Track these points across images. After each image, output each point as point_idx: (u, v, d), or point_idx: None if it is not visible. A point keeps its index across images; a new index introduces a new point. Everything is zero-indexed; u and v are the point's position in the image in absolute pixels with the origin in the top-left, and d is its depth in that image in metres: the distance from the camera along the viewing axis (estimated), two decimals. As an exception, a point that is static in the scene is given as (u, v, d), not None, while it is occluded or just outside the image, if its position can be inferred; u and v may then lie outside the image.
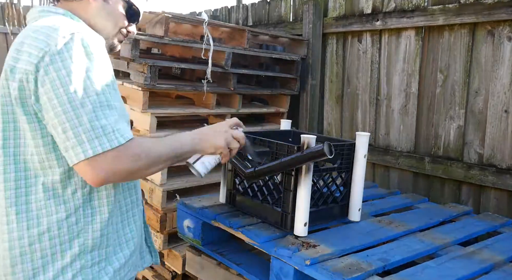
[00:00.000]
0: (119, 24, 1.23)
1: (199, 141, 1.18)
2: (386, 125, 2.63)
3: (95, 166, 0.96)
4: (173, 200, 2.30)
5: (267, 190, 1.69)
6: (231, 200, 1.84)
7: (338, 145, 1.65)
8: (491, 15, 2.10)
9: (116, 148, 0.97)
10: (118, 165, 0.98)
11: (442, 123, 2.37)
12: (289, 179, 1.55)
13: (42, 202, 1.04)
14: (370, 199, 2.16)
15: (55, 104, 0.96)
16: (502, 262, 1.48)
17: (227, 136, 1.20)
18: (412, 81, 2.48)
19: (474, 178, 2.21)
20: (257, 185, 1.73)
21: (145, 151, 1.03)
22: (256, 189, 1.73)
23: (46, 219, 1.04)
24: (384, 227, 1.72)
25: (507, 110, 2.12)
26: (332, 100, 2.93)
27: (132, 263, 1.22)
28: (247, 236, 1.59)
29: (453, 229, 1.77)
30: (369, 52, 2.69)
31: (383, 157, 2.59)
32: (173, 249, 2.29)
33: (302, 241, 1.51)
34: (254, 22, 3.56)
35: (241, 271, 1.65)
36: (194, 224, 1.83)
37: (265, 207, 1.68)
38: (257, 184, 1.73)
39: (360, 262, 1.38)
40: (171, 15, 2.24)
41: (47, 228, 1.04)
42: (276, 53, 2.84)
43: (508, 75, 2.10)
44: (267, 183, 1.69)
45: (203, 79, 2.36)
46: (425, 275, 1.34)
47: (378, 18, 2.57)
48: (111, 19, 1.21)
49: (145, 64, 2.17)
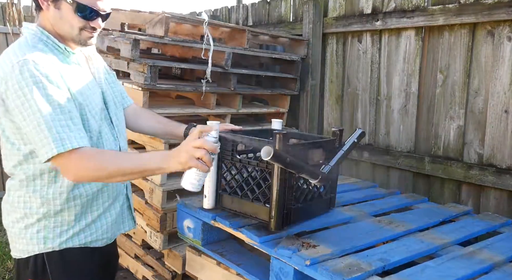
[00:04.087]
0: (75, 25, 1.33)
1: (167, 160, 1.26)
2: (386, 125, 2.63)
3: (63, 167, 1.27)
4: (173, 200, 2.30)
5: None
6: (291, 216, 1.65)
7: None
8: (491, 15, 2.10)
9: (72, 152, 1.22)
10: (80, 170, 1.26)
11: (442, 123, 2.37)
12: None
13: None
14: (370, 199, 2.16)
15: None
16: (502, 262, 1.48)
17: (188, 149, 1.23)
18: (412, 81, 2.48)
19: (474, 178, 2.21)
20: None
21: (94, 162, 1.26)
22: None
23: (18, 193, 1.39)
24: (384, 227, 1.72)
25: (507, 111, 2.12)
26: (332, 100, 2.94)
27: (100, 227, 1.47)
28: (247, 236, 1.59)
29: (453, 229, 1.77)
30: (369, 52, 2.69)
31: (383, 157, 2.59)
32: (173, 249, 2.29)
33: (302, 241, 1.51)
34: (254, 22, 3.56)
35: (241, 271, 1.65)
36: (194, 224, 1.83)
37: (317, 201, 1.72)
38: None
39: (360, 262, 1.38)
40: (171, 15, 2.24)
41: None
42: (276, 53, 2.84)
43: (508, 75, 2.10)
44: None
45: (203, 79, 2.36)
46: (425, 275, 1.34)
47: (378, 18, 2.57)
48: (66, 22, 1.33)
49: (145, 64, 2.17)
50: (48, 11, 1.32)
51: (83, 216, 1.43)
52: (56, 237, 1.38)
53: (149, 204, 2.33)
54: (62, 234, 1.39)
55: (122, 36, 2.26)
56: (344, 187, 2.35)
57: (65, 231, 1.39)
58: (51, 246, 1.38)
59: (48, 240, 1.38)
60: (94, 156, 1.27)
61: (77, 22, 1.33)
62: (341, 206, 2.01)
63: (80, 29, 1.34)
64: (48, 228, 1.37)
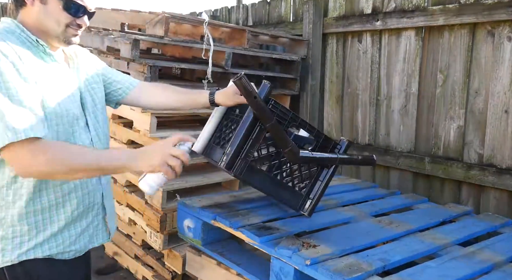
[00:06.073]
0: (62, 21, 1.28)
1: (135, 158, 1.21)
2: (386, 126, 2.63)
3: (13, 159, 1.15)
4: (173, 200, 2.30)
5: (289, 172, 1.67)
6: (238, 168, 1.53)
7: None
8: (491, 15, 2.10)
9: (24, 143, 1.11)
10: (31, 164, 1.14)
11: (442, 123, 2.37)
12: (319, 170, 1.67)
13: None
14: (370, 199, 2.16)
15: None
16: (502, 262, 1.48)
17: (164, 154, 1.20)
18: (412, 81, 2.48)
19: (474, 178, 2.21)
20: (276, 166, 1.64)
21: (59, 155, 1.16)
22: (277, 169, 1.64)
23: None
24: (384, 227, 1.72)
25: (507, 111, 2.12)
26: (332, 100, 2.93)
27: (68, 238, 1.32)
28: (247, 236, 1.59)
29: (453, 229, 1.77)
30: (369, 52, 2.69)
31: (383, 157, 2.59)
32: (173, 249, 2.29)
33: (303, 241, 1.52)
34: (254, 22, 3.56)
35: (241, 271, 1.65)
36: (194, 224, 1.83)
37: (284, 187, 1.66)
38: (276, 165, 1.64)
39: (360, 262, 1.38)
40: (171, 15, 2.24)
41: None
42: (276, 53, 2.84)
43: (508, 75, 2.10)
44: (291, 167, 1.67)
45: (203, 79, 2.36)
46: (425, 275, 1.34)
47: (378, 18, 2.57)
48: (51, 18, 1.28)
49: (145, 64, 2.17)
50: (32, 6, 1.26)
51: (48, 224, 1.27)
52: (15, 249, 1.23)
53: (149, 204, 2.33)
54: (23, 245, 1.24)
55: (122, 36, 2.25)
56: (344, 187, 2.35)
57: (26, 241, 1.24)
58: (9, 258, 1.23)
59: (6, 252, 1.23)
60: (52, 147, 1.16)
61: (64, 18, 1.28)
62: (341, 206, 2.01)
63: (66, 26, 1.29)
64: (6, 239, 1.23)
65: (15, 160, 1.14)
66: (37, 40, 1.27)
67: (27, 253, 1.24)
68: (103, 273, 2.75)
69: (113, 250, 2.81)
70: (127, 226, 2.60)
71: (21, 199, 1.23)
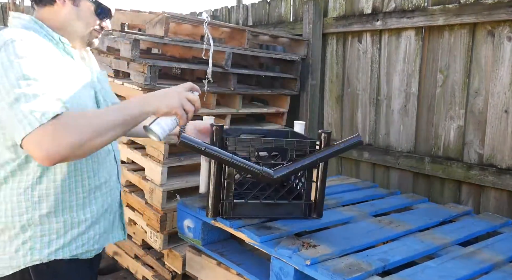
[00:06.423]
0: (90, 24, 1.33)
1: (149, 101, 1.17)
2: (386, 126, 2.63)
3: (37, 145, 1.02)
4: (173, 200, 2.30)
5: (274, 189, 1.69)
6: (226, 210, 1.68)
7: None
8: (491, 15, 2.10)
9: (46, 123, 1.01)
10: (57, 139, 1.02)
11: (442, 123, 2.37)
12: (308, 173, 1.68)
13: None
14: (370, 199, 2.16)
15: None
16: (502, 262, 1.48)
17: (181, 97, 1.19)
18: (412, 81, 2.48)
19: (474, 178, 2.21)
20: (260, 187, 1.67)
21: (82, 121, 1.07)
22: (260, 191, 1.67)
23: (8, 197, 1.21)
24: (384, 227, 1.72)
25: (507, 111, 2.12)
26: (332, 100, 2.94)
27: (93, 237, 1.32)
28: (247, 236, 1.59)
29: (453, 229, 1.77)
30: (369, 52, 2.69)
31: (383, 157, 2.59)
32: (173, 249, 2.29)
33: (303, 241, 1.52)
34: (254, 22, 3.56)
35: (241, 271, 1.65)
36: (194, 224, 1.83)
37: (281, 204, 1.71)
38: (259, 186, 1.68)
39: (360, 262, 1.38)
40: (171, 15, 2.24)
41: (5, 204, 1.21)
42: (276, 53, 2.84)
43: (508, 75, 2.10)
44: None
45: (203, 79, 2.36)
46: (425, 275, 1.34)
47: (378, 18, 2.57)
48: (82, 21, 1.31)
49: (145, 64, 2.17)
50: (63, 6, 1.27)
51: (76, 223, 1.26)
52: (44, 247, 1.21)
53: (149, 204, 2.33)
54: (51, 243, 1.22)
55: (122, 36, 2.25)
56: (344, 187, 2.35)
57: (55, 240, 1.23)
58: (38, 257, 1.21)
59: (35, 250, 1.21)
60: (73, 117, 1.07)
61: (93, 21, 1.33)
62: (341, 206, 2.01)
63: (93, 27, 1.34)
64: (35, 238, 1.21)
65: (42, 142, 1.02)
66: (60, 37, 1.28)
67: (56, 252, 1.23)
68: (103, 273, 2.76)
69: (113, 250, 2.81)
70: (127, 226, 2.60)
71: (48, 199, 1.21)
